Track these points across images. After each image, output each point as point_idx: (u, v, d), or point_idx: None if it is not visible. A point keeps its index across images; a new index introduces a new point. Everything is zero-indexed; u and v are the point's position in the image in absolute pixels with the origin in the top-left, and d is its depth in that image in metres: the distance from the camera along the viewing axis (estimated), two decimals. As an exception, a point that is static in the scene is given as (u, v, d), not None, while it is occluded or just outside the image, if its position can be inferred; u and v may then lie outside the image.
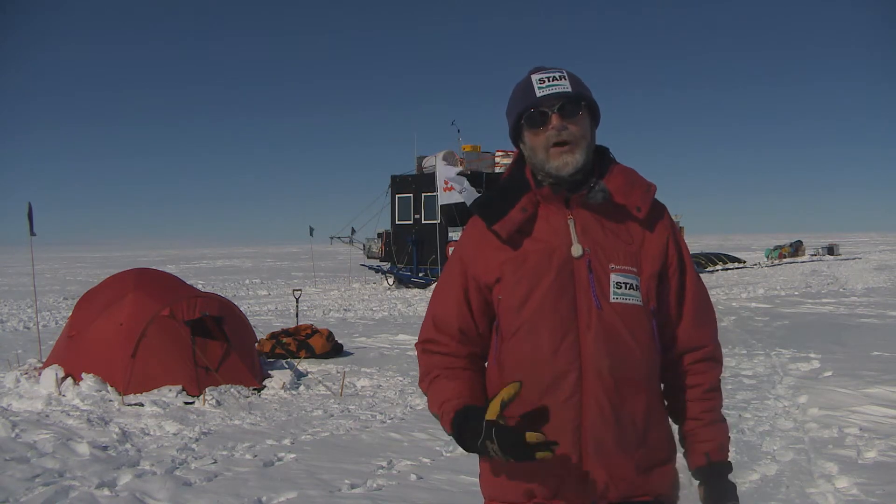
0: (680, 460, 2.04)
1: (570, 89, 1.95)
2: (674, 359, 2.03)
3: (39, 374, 7.89)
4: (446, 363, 2.02)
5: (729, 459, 2.03)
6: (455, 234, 25.26)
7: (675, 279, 2.02)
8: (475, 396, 1.96)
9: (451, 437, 1.93)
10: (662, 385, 2.05)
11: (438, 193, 23.71)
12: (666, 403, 2.07)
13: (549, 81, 1.96)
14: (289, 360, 9.70)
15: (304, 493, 4.88)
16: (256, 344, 9.25)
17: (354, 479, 5.15)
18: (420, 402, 7.60)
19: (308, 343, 10.39)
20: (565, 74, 1.98)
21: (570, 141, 1.94)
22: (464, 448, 1.86)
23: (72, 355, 7.87)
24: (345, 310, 17.85)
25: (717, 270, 33.30)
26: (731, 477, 2.01)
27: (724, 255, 39.82)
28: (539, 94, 1.95)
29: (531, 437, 1.76)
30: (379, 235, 28.19)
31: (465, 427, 1.85)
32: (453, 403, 1.93)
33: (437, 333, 2.05)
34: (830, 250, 46.53)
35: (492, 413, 1.81)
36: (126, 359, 7.55)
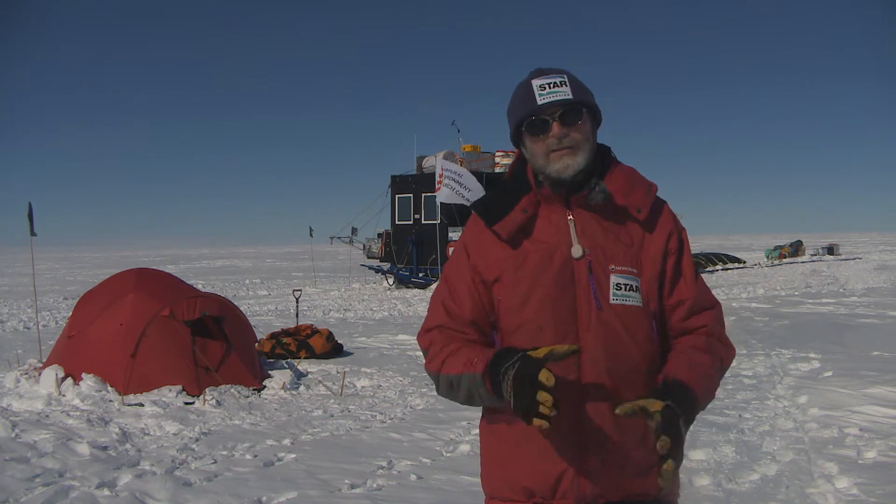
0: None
1: (571, 96, 1.94)
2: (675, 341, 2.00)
3: (39, 374, 7.88)
4: (466, 340, 1.96)
5: (697, 392, 1.83)
6: (455, 235, 25.27)
7: (672, 270, 1.99)
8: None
9: (471, 389, 1.86)
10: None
11: (437, 192, 23.72)
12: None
13: (549, 88, 1.94)
14: (289, 360, 9.70)
15: (304, 493, 4.88)
16: (256, 344, 9.25)
17: (354, 479, 5.15)
18: (420, 402, 7.60)
19: (308, 343, 10.39)
20: (566, 79, 1.96)
21: (571, 146, 1.94)
22: (491, 380, 1.79)
23: (72, 355, 7.87)
24: (345, 310, 17.86)
25: (717, 270, 33.28)
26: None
27: (724, 255, 39.82)
28: (540, 101, 1.94)
29: (545, 376, 1.68)
30: (379, 235, 28.21)
31: (503, 356, 1.79)
32: (487, 354, 1.85)
33: (451, 320, 2.00)
34: (830, 250, 46.53)
35: (536, 353, 1.75)
36: (126, 359, 7.55)
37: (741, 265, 37.25)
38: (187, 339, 7.81)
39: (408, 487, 5.01)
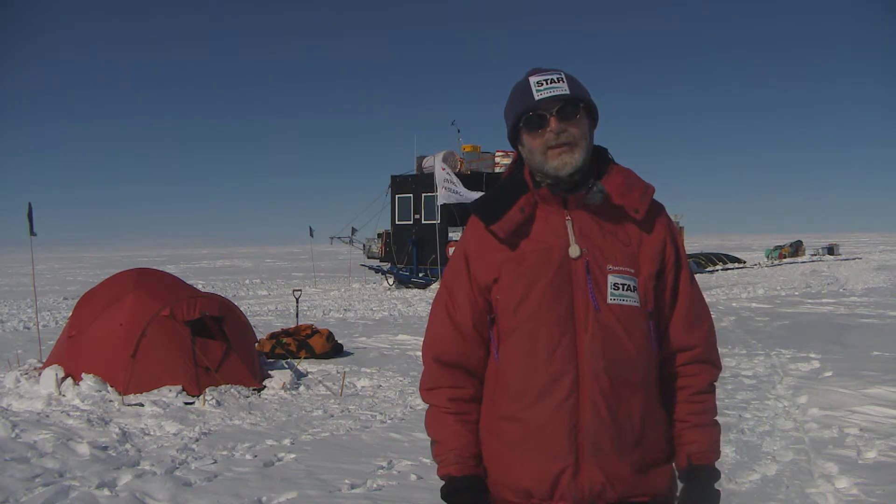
0: (679, 461, 2.04)
1: (567, 92, 1.95)
2: (666, 359, 2.02)
3: (39, 374, 7.89)
4: (455, 397, 2.05)
5: (714, 465, 2.00)
6: (455, 235, 25.28)
7: (670, 279, 2.01)
8: (475, 453, 2.03)
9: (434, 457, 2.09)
10: None
11: (438, 193, 23.75)
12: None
13: (546, 84, 1.95)
14: (289, 360, 9.70)
15: (304, 493, 4.88)
16: (256, 344, 9.25)
17: (354, 479, 5.15)
18: (420, 402, 7.59)
19: (308, 343, 10.39)
20: (563, 76, 1.97)
21: (568, 142, 1.94)
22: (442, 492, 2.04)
23: (72, 355, 7.87)
24: (345, 310, 17.86)
25: (717, 270, 33.30)
26: (717, 484, 1.99)
27: (724, 255, 39.85)
28: (537, 96, 1.94)
29: None
30: (379, 235, 28.22)
31: (454, 499, 1.99)
32: (455, 461, 2.02)
33: (454, 331, 2.03)
34: (830, 250, 46.57)
35: None
36: (126, 359, 7.55)
37: (741, 265, 37.27)
38: (187, 339, 7.81)
39: (408, 487, 5.01)
